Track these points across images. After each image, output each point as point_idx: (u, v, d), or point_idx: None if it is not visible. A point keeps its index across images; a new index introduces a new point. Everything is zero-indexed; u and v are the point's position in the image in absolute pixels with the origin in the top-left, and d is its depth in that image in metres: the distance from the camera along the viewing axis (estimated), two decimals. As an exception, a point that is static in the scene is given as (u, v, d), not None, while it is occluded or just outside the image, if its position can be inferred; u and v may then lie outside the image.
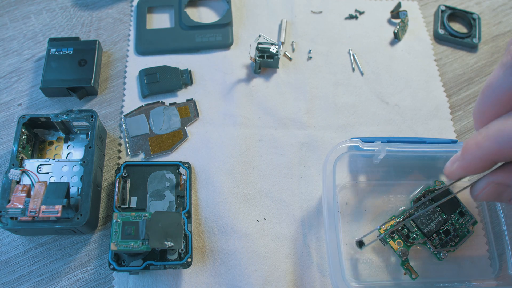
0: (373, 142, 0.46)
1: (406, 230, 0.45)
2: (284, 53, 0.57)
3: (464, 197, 0.48)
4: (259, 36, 0.53)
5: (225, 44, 0.57)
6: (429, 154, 0.47)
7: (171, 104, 0.53)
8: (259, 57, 0.53)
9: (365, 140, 0.45)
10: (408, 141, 0.47)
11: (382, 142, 0.46)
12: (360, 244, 0.44)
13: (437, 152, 0.47)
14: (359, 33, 0.59)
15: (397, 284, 0.44)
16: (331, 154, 0.44)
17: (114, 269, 0.40)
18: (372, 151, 0.46)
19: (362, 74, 0.56)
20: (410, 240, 0.45)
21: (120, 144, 0.51)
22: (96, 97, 0.53)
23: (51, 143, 0.49)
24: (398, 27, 0.59)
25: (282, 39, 0.57)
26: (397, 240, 0.45)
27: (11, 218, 0.41)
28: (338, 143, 0.45)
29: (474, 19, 0.61)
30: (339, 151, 0.44)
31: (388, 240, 0.45)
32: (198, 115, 0.52)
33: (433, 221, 0.45)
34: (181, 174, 0.47)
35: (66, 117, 0.46)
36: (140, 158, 0.49)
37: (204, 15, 0.60)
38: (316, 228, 0.46)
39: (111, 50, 0.57)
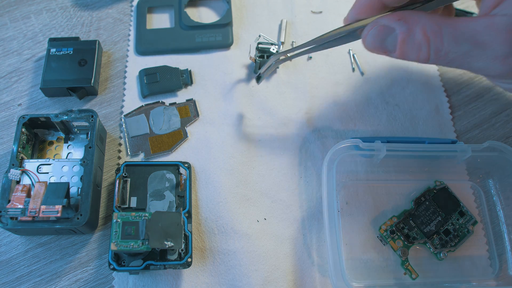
0: (373, 142, 0.46)
1: (406, 230, 0.45)
2: (284, 53, 0.57)
3: (465, 197, 0.48)
4: (259, 36, 0.53)
5: (225, 44, 0.57)
6: (429, 154, 0.47)
7: (171, 104, 0.53)
8: (259, 57, 0.53)
9: (365, 140, 0.45)
10: (408, 141, 0.47)
11: (382, 142, 0.46)
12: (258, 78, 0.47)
13: (437, 152, 0.47)
14: (359, 33, 0.59)
15: (397, 284, 0.44)
16: (331, 154, 0.44)
17: (114, 269, 0.40)
18: (372, 151, 0.46)
19: (362, 74, 0.56)
20: (410, 240, 0.45)
21: (120, 144, 0.51)
22: (96, 97, 0.53)
23: (51, 143, 0.49)
24: (398, 27, 0.59)
25: (282, 39, 0.57)
26: (397, 240, 0.45)
27: (11, 218, 0.41)
28: (338, 143, 0.45)
29: (474, 19, 0.61)
30: (339, 151, 0.44)
31: (388, 240, 0.45)
32: (198, 115, 0.52)
33: (433, 221, 0.45)
34: (181, 174, 0.47)
35: (66, 117, 0.46)
36: (140, 158, 0.49)
37: (204, 15, 0.60)
38: (316, 228, 0.46)
39: (111, 50, 0.57)
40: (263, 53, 0.53)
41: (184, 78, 0.54)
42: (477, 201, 0.49)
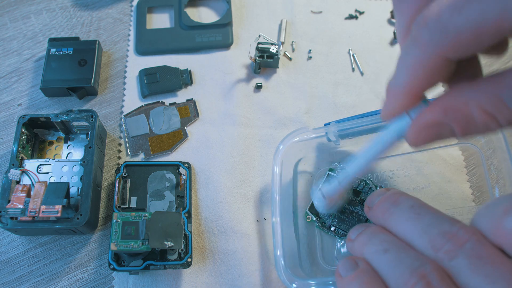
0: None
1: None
2: (284, 53, 0.57)
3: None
4: (259, 36, 0.53)
5: (225, 44, 0.57)
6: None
7: (171, 104, 0.53)
8: (259, 57, 0.53)
9: (326, 124, 0.44)
10: (362, 116, 0.44)
11: (336, 123, 0.44)
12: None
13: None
14: (359, 33, 0.59)
15: None
16: (281, 145, 0.44)
17: (114, 269, 0.40)
18: (324, 134, 0.44)
19: (362, 74, 0.56)
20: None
21: (120, 144, 0.51)
22: (96, 97, 0.53)
23: (51, 143, 0.49)
24: (398, 27, 0.59)
25: (282, 39, 0.57)
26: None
27: (11, 218, 0.41)
28: (288, 134, 0.44)
29: (474, 19, 0.61)
30: (288, 140, 0.44)
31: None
32: (198, 115, 0.52)
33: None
34: (181, 174, 0.47)
35: (66, 117, 0.46)
36: (140, 158, 0.49)
37: (204, 15, 0.60)
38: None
39: (111, 50, 0.57)
40: (263, 53, 0.53)
41: (184, 78, 0.54)
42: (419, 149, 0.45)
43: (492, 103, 0.23)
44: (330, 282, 0.39)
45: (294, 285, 0.39)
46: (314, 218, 0.45)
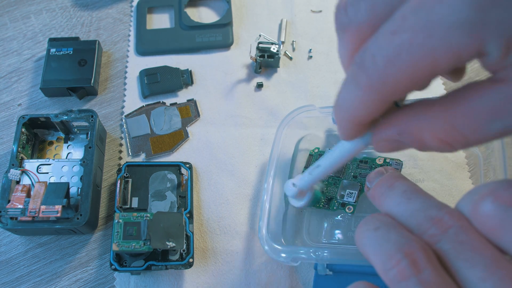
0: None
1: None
2: (285, 52, 0.57)
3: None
4: (259, 35, 0.53)
5: (226, 44, 0.56)
6: None
7: (171, 104, 0.52)
8: (260, 56, 0.53)
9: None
10: None
11: None
12: None
13: None
14: (360, 32, 0.59)
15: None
16: (286, 118, 0.45)
17: (115, 269, 0.40)
18: (329, 112, 0.45)
19: (362, 73, 0.56)
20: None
21: (121, 145, 0.50)
22: (96, 97, 0.53)
23: (51, 143, 0.49)
24: (398, 26, 0.59)
25: (282, 39, 0.57)
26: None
27: (11, 218, 0.41)
28: (294, 109, 0.45)
29: (474, 19, 0.61)
30: (294, 115, 0.45)
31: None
32: (199, 115, 0.52)
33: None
34: (182, 174, 0.47)
35: (66, 117, 0.46)
36: (141, 158, 0.49)
37: (204, 15, 0.59)
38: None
39: (111, 50, 0.57)
40: (263, 53, 0.53)
41: (184, 78, 0.54)
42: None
43: (446, 131, 0.23)
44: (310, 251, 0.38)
45: (266, 247, 0.40)
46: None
